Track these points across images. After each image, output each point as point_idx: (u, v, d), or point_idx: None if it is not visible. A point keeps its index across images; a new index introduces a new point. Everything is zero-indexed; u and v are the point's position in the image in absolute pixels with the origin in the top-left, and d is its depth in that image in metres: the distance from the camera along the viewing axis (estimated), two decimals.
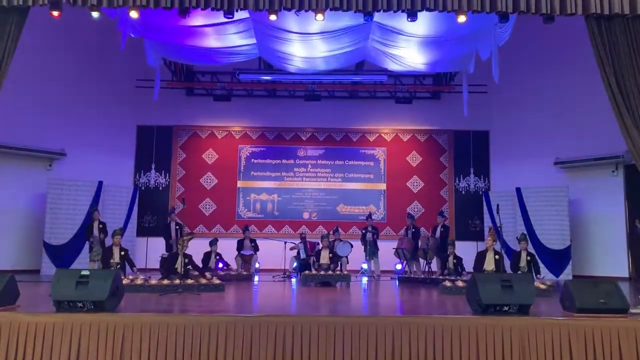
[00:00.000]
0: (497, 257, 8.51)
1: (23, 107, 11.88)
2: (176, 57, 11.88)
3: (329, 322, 4.88)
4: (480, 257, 8.68)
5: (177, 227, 11.11)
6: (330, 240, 10.90)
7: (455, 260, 9.87)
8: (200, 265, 10.50)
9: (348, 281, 9.39)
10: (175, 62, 12.85)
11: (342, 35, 9.50)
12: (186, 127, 14.10)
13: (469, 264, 9.25)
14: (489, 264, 8.51)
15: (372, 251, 11.52)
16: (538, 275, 8.81)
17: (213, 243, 10.66)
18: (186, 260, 8.31)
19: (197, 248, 10.73)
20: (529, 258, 8.99)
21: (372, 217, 12.34)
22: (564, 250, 12.00)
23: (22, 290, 5.74)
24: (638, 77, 6.90)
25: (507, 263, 9.33)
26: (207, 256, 10.58)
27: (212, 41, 9.97)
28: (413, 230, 11.42)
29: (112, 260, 8.67)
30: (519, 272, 8.80)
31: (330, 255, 10.07)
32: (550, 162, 12.99)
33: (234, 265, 11.18)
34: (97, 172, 12.68)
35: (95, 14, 7.71)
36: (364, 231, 11.79)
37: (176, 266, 8.38)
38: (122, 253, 8.83)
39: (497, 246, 8.57)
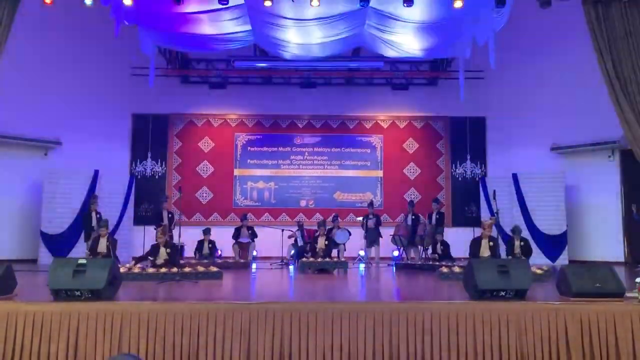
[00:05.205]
0: (491, 243, 8.57)
1: (18, 96, 11.82)
2: (171, 45, 11.79)
3: (327, 309, 4.90)
4: (476, 244, 8.72)
5: (170, 215, 11.10)
6: (329, 227, 10.92)
7: (442, 247, 9.96)
8: (194, 253, 10.58)
9: (345, 268, 9.41)
10: (170, 50, 12.77)
11: (338, 21, 9.43)
12: (182, 115, 14.02)
13: (464, 250, 9.27)
14: (484, 251, 8.57)
15: (373, 238, 11.53)
16: None
17: (207, 232, 10.70)
18: (168, 250, 8.30)
19: (195, 237, 10.83)
20: (522, 244, 9.06)
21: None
22: (560, 235, 12.07)
23: (20, 279, 5.74)
24: (635, 62, 6.91)
25: (502, 247, 9.40)
26: (200, 244, 10.61)
27: (206, 28, 9.89)
28: (413, 217, 11.44)
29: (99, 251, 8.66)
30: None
31: (326, 242, 10.08)
32: (546, 148, 13.02)
33: (230, 253, 11.20)
34: (92, 161, 12.63)
35: (88, 1, 7.66)
36: (364, 219, 11.75)
37: (158, 257, 8.34)
38: (107, 243, 8.72)
39: (494, 232, 8.62)
